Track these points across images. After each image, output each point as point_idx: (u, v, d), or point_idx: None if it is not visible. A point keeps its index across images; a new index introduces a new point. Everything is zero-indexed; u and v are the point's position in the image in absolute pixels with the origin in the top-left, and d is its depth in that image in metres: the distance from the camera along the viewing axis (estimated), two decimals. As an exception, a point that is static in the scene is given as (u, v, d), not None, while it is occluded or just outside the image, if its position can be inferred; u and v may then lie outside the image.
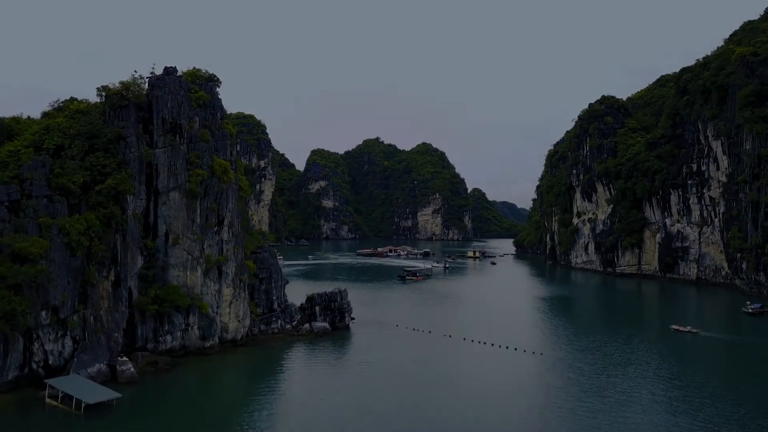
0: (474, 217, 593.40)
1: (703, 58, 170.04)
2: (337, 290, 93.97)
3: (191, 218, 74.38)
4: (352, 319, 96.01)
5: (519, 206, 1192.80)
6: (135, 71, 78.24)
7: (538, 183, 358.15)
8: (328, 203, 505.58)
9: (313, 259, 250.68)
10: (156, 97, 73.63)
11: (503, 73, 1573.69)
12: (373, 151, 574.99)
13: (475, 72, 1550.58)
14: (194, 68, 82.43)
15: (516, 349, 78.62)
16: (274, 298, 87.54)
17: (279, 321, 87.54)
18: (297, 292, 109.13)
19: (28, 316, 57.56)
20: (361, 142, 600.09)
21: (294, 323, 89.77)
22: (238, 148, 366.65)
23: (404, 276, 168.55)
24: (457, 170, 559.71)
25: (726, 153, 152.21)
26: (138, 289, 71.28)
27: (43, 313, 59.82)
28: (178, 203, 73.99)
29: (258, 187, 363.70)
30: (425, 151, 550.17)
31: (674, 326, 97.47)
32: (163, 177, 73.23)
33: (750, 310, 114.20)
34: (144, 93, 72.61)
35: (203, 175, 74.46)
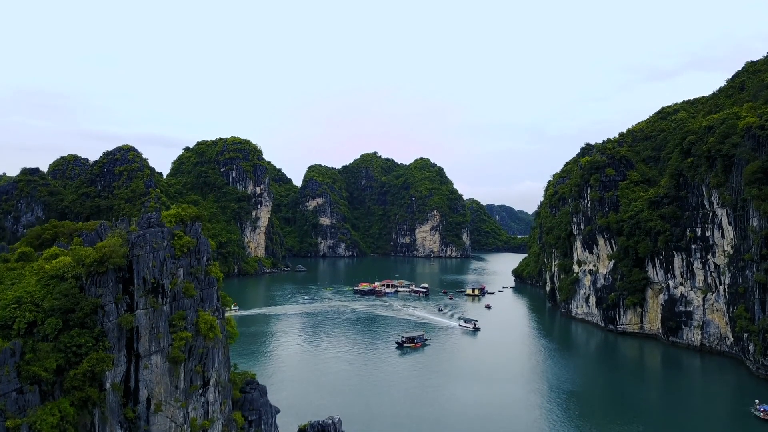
0: (472, 230, 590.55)
1: (707, 119, 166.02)
2: (330, 421, 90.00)
3: (174, 384, 70.23)
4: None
5: (517, 209, 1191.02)
6: (113, 225, 73.76)
7: (537, 210, 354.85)
8: (325, 220, 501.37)
9: (309, 301, 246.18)
10: (136, 257, 69.21)
11: (502, 73, 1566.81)
12: (370, 166, 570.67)
13: (474, 72, 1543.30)
14: (179, 207, 77.97)
15: None
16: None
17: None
18: (289, 400, 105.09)
19: None
20: (358, 156, 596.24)
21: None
22: (234, 175, 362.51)
23: (402, 343, 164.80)
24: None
25: (732, 224, 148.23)
26: (118, 465, 67.28)
27: None
28: (160, 368, 69.74)
29: (254, 213, 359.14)
30: (423, 166, 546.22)
31: None
32: (144, 340, 68.89)
33: (761, 414, 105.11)
34: (123, 255, 68.07)
35: (187, 338, 70.20)
